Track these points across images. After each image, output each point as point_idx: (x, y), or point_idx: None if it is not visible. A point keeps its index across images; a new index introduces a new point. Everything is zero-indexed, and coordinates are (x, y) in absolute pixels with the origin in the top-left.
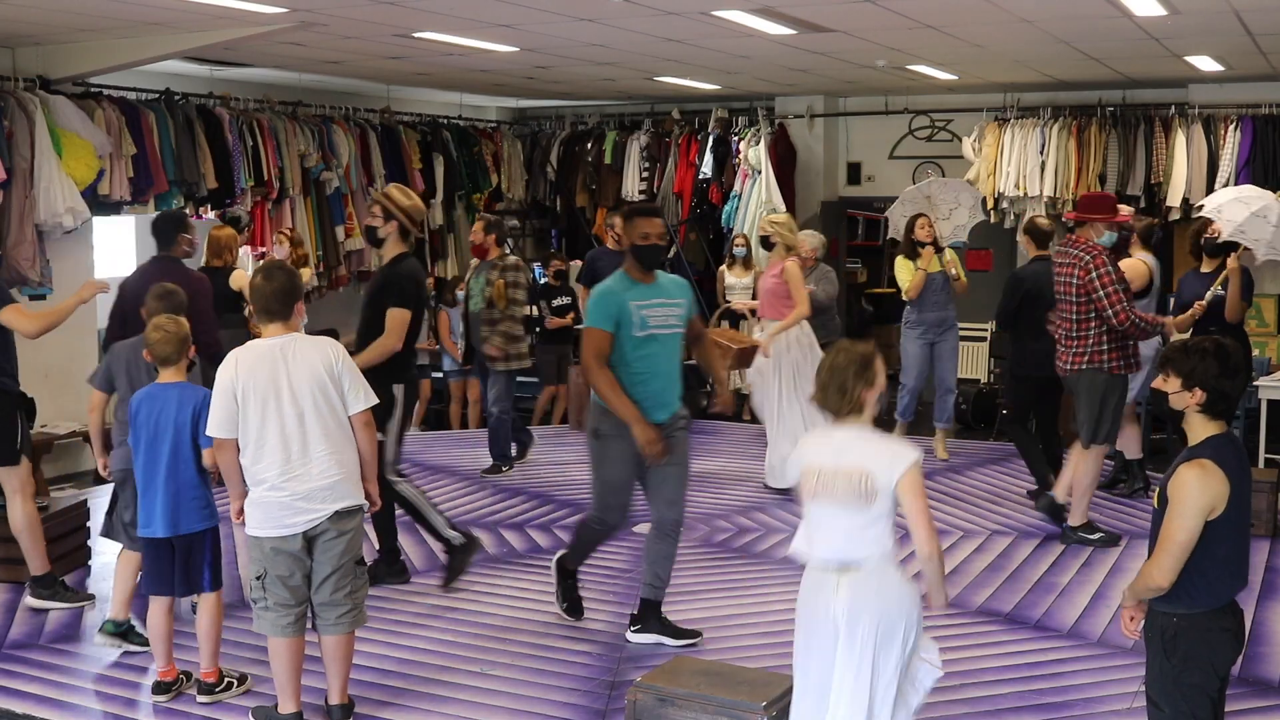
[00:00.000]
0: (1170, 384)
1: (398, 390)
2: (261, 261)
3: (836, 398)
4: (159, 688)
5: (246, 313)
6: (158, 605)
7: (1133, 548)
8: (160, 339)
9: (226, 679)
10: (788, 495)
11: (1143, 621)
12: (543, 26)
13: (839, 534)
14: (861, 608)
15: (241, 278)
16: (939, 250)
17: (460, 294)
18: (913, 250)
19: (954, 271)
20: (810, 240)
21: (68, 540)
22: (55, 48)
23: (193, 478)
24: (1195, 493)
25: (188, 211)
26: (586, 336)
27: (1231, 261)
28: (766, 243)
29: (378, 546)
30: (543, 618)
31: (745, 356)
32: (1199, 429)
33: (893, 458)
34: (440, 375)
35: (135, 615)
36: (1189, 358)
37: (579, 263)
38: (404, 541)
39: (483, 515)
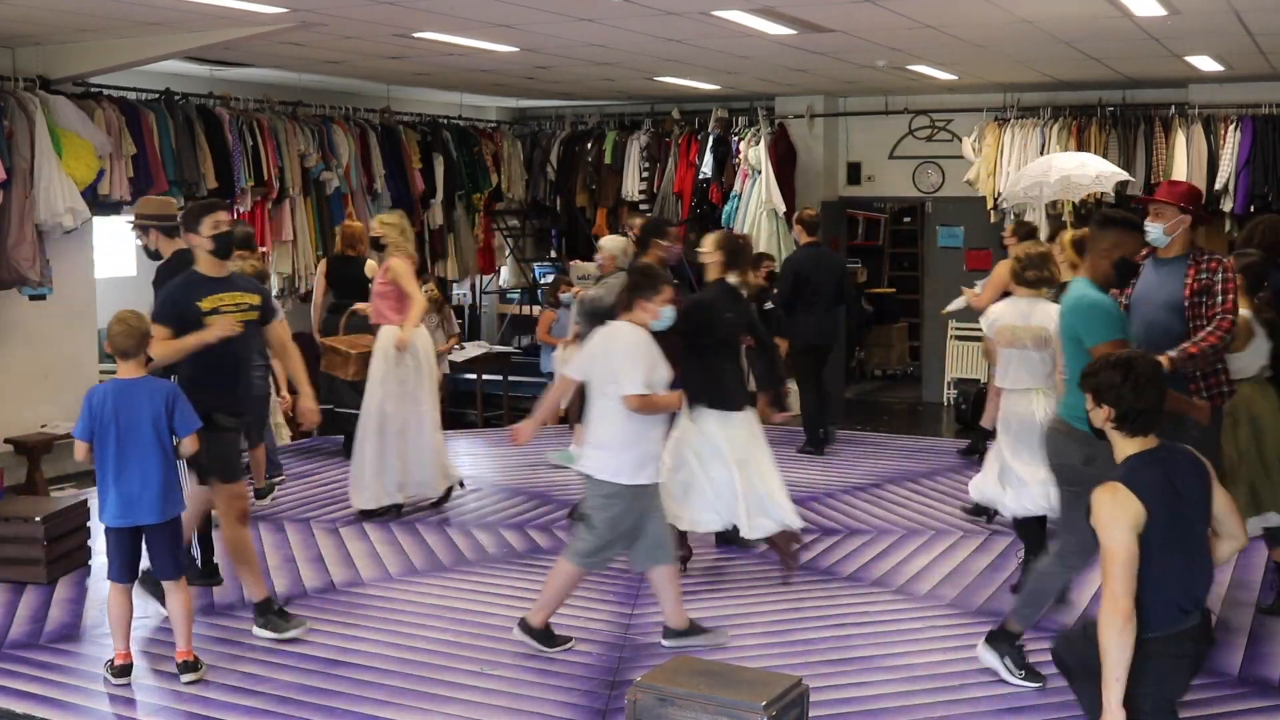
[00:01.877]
0: (1089, 402)
1: None
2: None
3: None
4: (120, 671)
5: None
6: (118, 591)
7: None
8: (121, 331)
9: (201, 662)
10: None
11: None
12: (543, 26)
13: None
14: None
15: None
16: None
17: (565, 296)
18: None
19: None
20: (610, 246)
21: (68, 540)
22: (55, 48)
23: (163, 468)
24: (1108, 514)
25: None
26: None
27: None
28: (377, 244)
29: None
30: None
31: (367, 361)
32: (1120, 447)
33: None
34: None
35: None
36: (1096, 375)
37: (580, 262)
38: (403, 540)
39: (483, 515)
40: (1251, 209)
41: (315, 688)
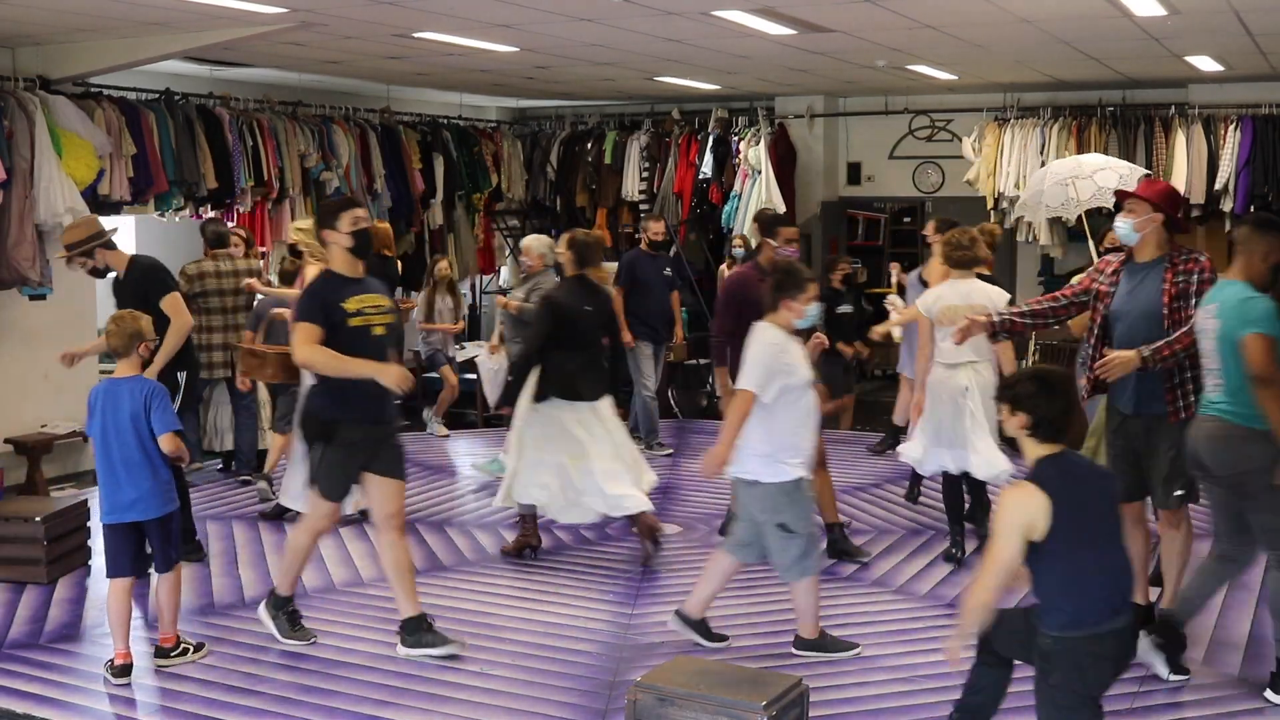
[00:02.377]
0: (1003, 411)
1: (181, 376)
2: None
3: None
4: (120, 671)
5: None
6: (117, 587)
7: None
8: (113, 331)
9: (182, 644)
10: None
11: (961, 651)
12: (543, 26)
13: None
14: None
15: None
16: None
17: None
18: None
19: None
20: (536, 246)
21: (68, 540)
22: (55, 48)
23: (153, 465)
24: (1008, 512)
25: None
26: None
27: None
28: (295, 250)
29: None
30: (543, 618)
31: (287, 363)
32: (1029, 451)
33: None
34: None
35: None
36: (1014, 385)
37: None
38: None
39: (482, 515)
40: (1252, 209)
41: (315, 688)
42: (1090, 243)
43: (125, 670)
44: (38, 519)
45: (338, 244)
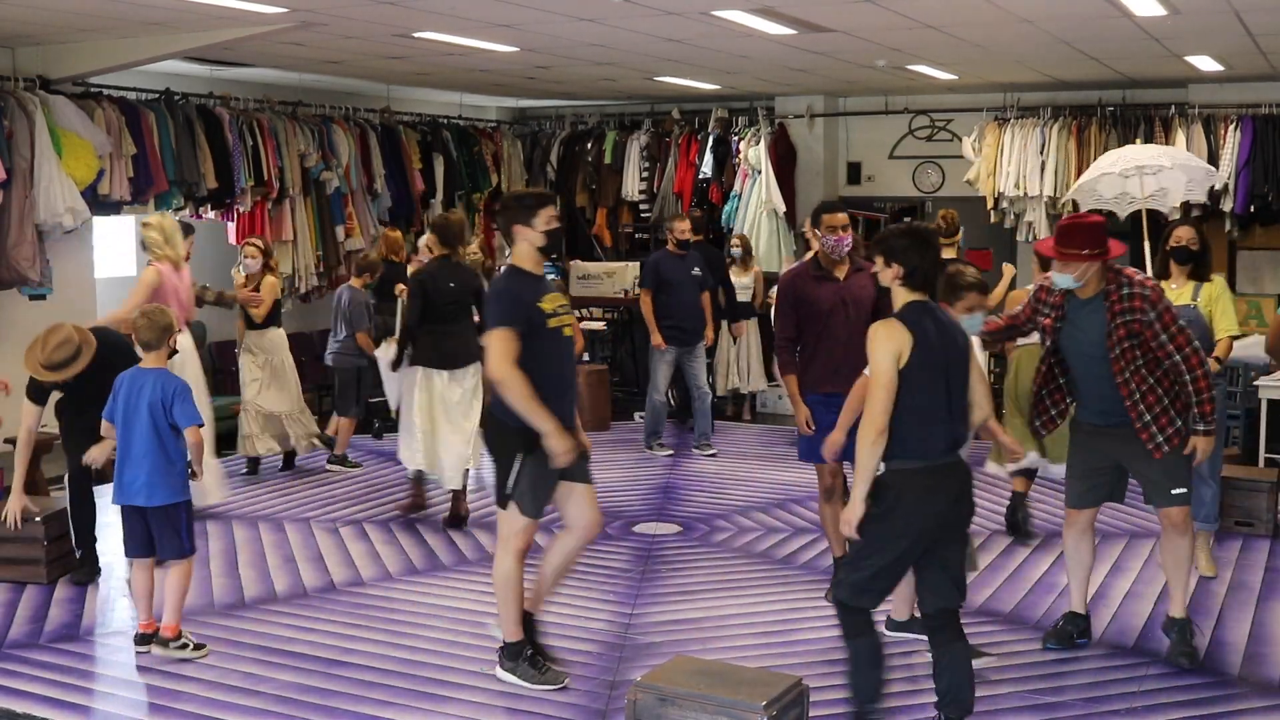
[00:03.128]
0: (879, 264)
1: None
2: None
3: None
4: (140, 639)
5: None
6: (140, 567)
7: (1133, 546)
8: (144, 325)
9: (183, 639)
10: None
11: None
12: (543, 26)
13: None
14: None
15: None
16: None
17: None
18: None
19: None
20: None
21: (68, 540)
22: (55, 48)
23: (166, 455)
24: (882, 343)
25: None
26: None
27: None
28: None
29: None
30: (543, 617)
31: None
32: (899, 299)
33: None
34: None
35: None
36: (888, 239)
37: (579, 261)
38: (403, 540)
39: (483, 515)
40: (1251, 209)
41: (315, 688)
42: (1145, 246)
43: (145, 639)
44: (38, 519)
45: (530, 241)
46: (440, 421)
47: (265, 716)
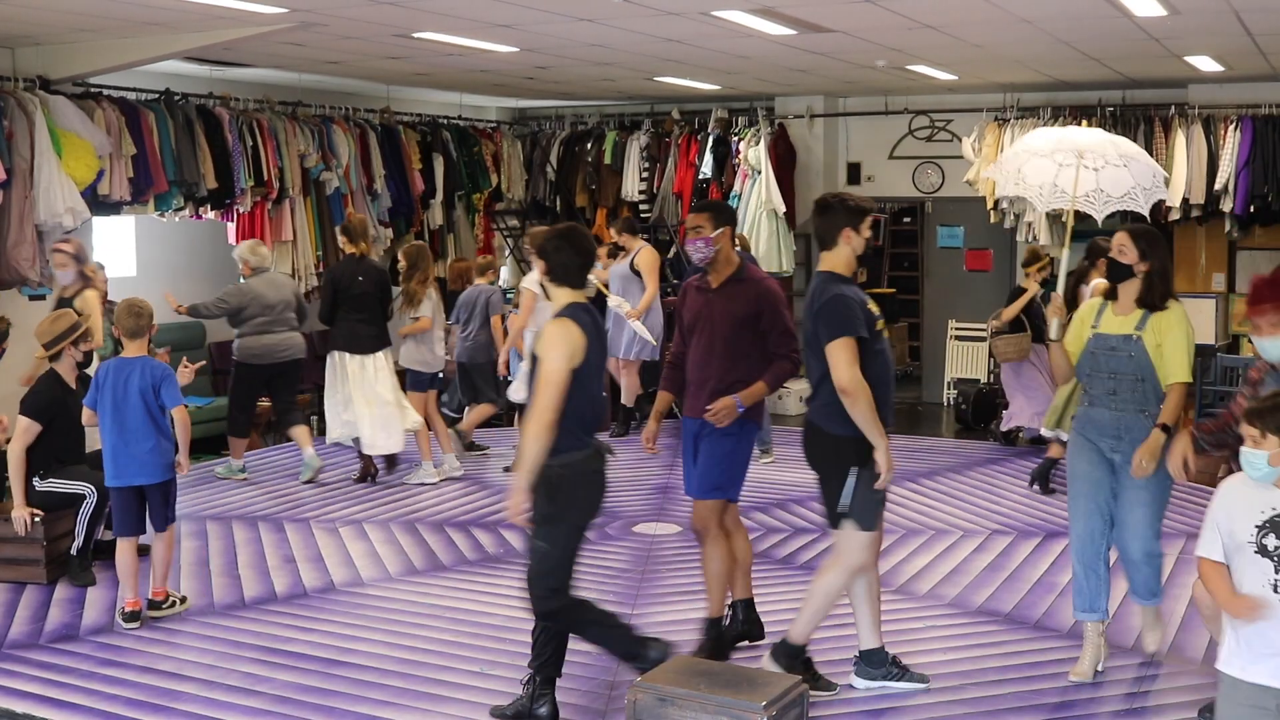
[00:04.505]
0: (537, 263)
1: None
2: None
3: None
4: (129, 616)
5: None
6: (126, 544)
7: None
8: (128, 314)
9: (171, 598)
10: None
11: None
12: (543, 26)
13: None
14: None
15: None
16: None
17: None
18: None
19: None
20: (240, 250)
21: (68, 540)
22: (55, 48)
23: (155, 437)
24: (558, 342)
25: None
26: None
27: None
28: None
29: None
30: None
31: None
32: (558, 299)
33: None
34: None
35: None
36: (539, 238)
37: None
38: (403, 540)
39: (482, 515)
40: (1252, 209)
41: (315, 688)
42: (1065, 253)
43: (134, 616)
44: (38, 519)
45: (853, 247)
46: (356, 398)
47: (265, 716)
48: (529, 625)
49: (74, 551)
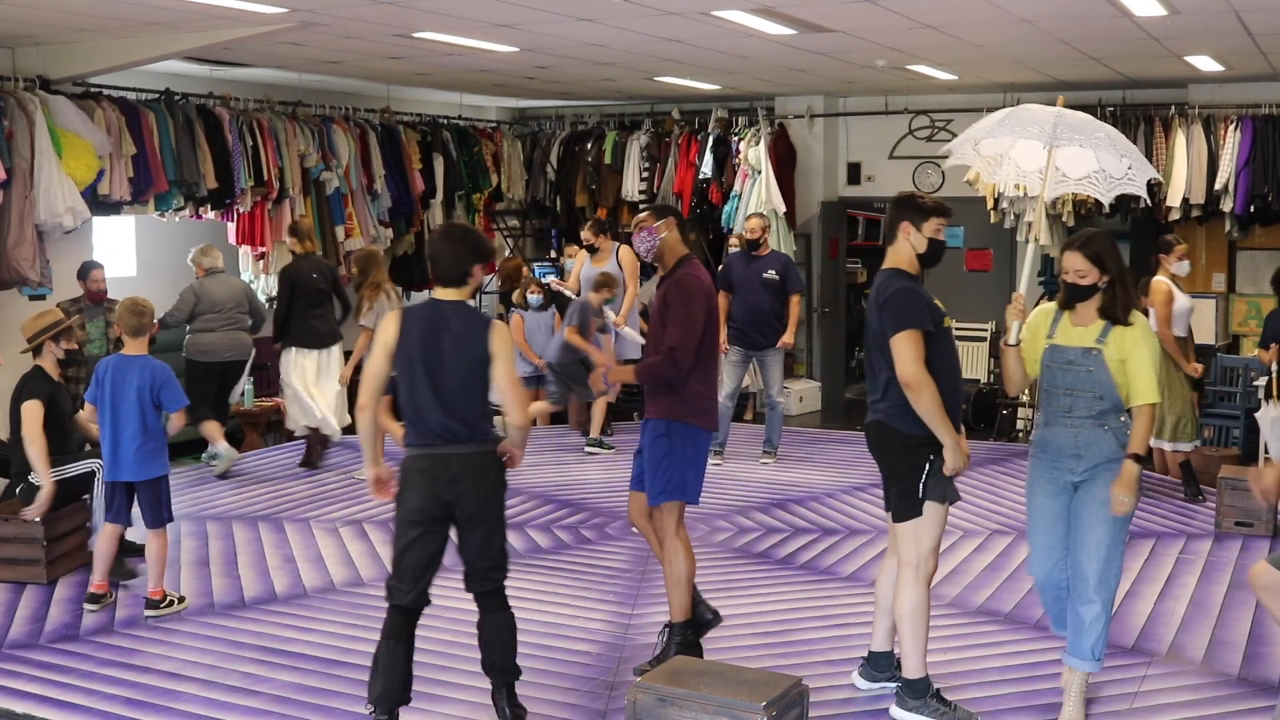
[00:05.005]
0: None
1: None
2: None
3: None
4: (91, 598)
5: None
6: (110, 530)
7: (1133, 546)
8: (130, 312)
9: (169, 598)
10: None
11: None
12: (543, 26)
13: None
14: None
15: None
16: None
17: (534, 298)
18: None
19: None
20: (194, 254)
21: (68, 540)
22: (55, 48)
23: (143, 437)
24: (379, 330)
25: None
26: None
27: None
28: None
29: None
30: (543, 617)
31: None
32: (437, 291)
33: None
34: None
35: None
36: (432, 241)
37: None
38: None
39: None
40: (1252, 209)
41: (315, 688)
42: (1030, 249)
43: (96, 599)
44: (38, 519)
45: (912, 244)
46: (313, 389)
47: (265, 716)
48: (529, 625)
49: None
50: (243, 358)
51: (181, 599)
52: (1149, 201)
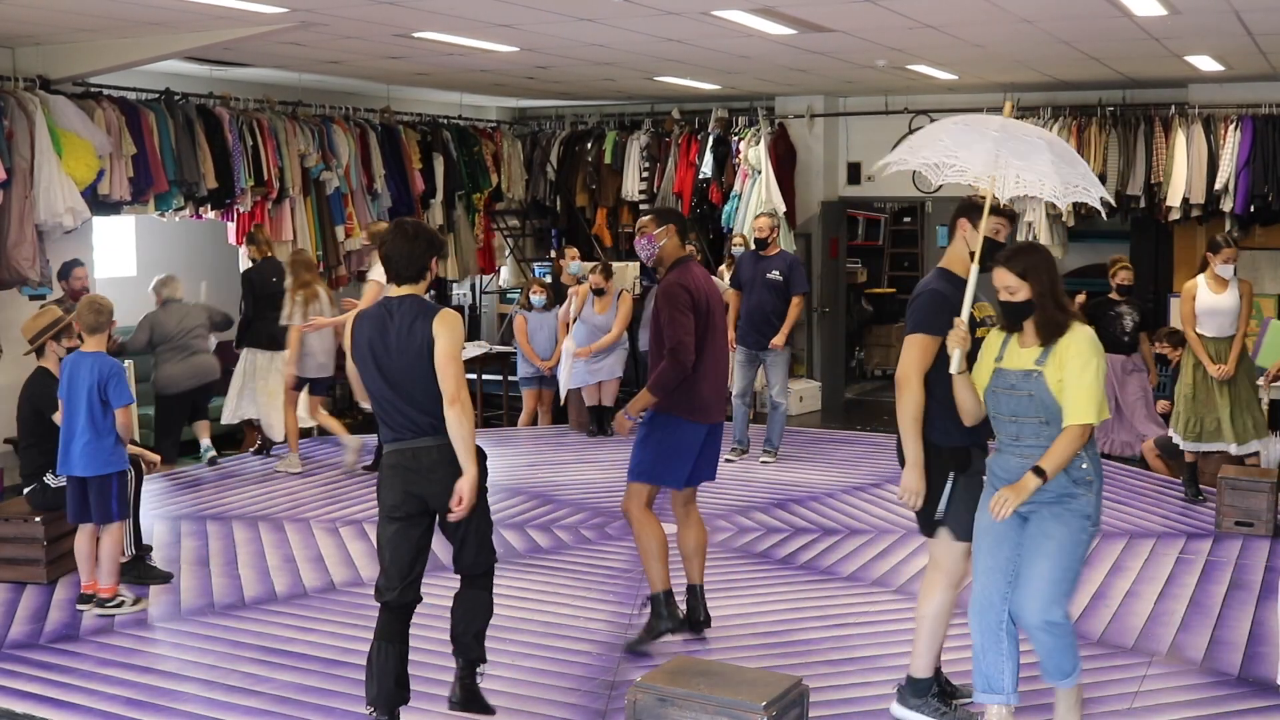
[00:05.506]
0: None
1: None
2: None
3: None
4: (83, 599)
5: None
6: (83, 532)
7: (1133, 546)
8: (90, 309)
9: (119, 598)
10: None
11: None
12: (543, 26)
13: None
14: None
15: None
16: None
17: (537, 298)
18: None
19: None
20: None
21: (68, 540)
22: (55, 48)
23: (90, 433)
24: (344, 339)
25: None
26: None
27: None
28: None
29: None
30: (543, 617)
31: None
32: (393, 292)
33: None
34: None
35: None
36: (384, 238)
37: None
38: None
39: None
40: (1252, 209)
41: (315, 688)
42: (973, 269)
43: (86, 599)
44: (38, 519)
45: (967, 241)
46: (260, 389)
47: (265, 716)
48: (529, 625)
49: (132, 549)
50: (205, 380)
51: (137, 600)
52: (1145, 202)
